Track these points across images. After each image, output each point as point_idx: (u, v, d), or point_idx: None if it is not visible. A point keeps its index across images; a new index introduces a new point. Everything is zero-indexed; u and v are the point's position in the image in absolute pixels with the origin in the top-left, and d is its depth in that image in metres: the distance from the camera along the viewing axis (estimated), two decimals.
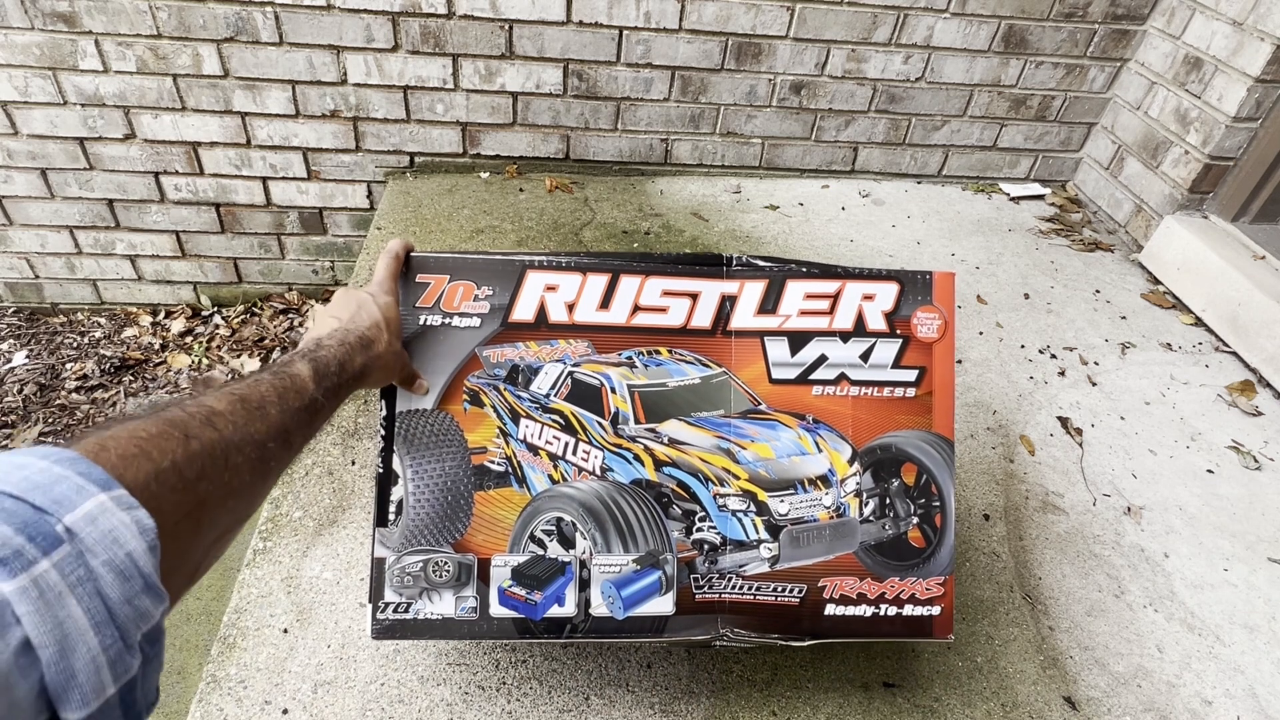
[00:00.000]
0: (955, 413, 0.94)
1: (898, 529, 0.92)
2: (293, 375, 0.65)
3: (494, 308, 0.87)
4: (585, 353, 0.89)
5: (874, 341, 0.92)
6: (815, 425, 0.91)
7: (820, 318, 0.91)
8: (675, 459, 0.89)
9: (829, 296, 0.91)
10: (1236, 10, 1.89)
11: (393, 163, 2.22)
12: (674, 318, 0.90)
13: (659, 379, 0.89)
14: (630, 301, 0.88)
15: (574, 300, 0.88)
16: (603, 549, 0.87)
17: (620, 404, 0.88)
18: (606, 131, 2.23)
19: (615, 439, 0.88)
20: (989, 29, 2.14)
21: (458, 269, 0.87)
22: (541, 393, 0.88)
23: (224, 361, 2.27)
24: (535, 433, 0.88)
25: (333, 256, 2.41)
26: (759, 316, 0.90)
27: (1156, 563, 1.33)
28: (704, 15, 2.04)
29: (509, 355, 0.88)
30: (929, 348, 0.92)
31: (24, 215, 2.21)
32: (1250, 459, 1.55)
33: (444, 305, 0.87)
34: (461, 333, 0.87)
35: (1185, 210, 2.08)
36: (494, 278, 0.87)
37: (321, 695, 1.02)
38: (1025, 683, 1.12)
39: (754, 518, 0.88)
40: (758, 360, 0.91)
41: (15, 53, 1.91)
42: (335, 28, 1.95)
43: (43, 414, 2.10)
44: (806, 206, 2.27)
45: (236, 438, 0.53)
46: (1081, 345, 1.82)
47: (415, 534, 0.86)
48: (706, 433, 0.90)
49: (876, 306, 0.91)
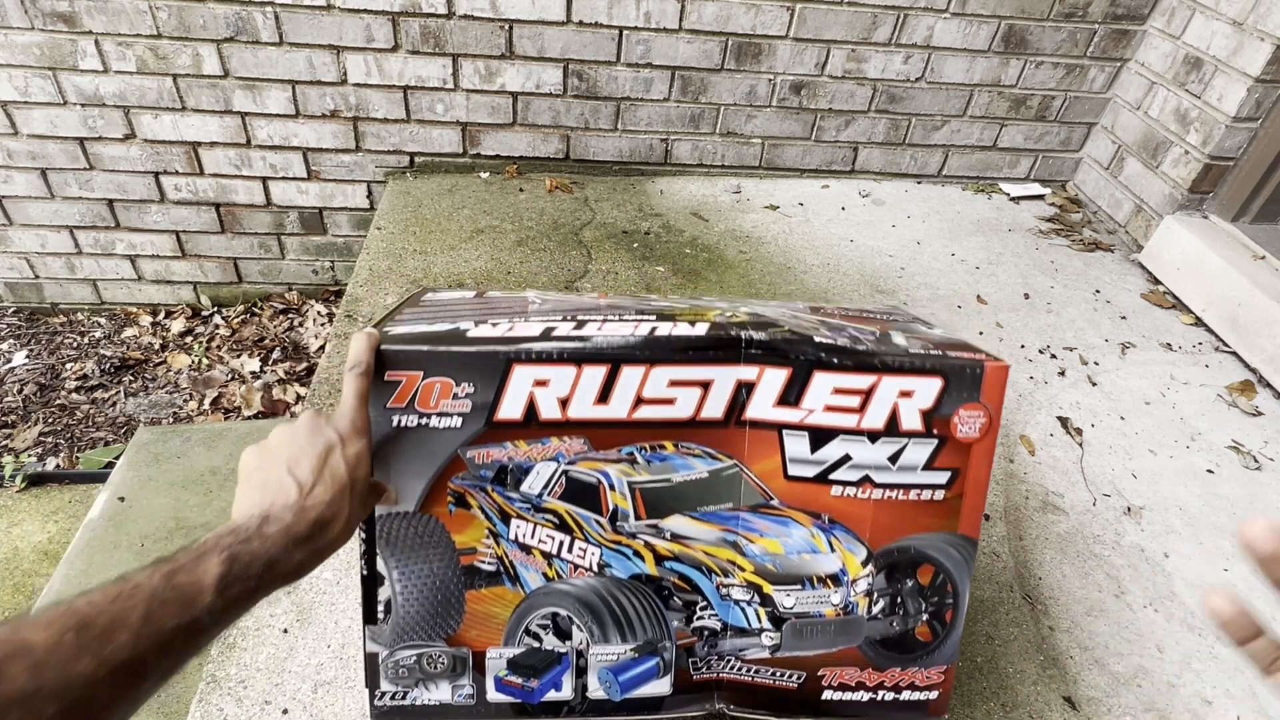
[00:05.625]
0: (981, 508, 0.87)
1: (906, 626, 0.87)
2: (187, 583, 0.49)
3: (476, 406, 0.77)
4: (581, 450, 0.80)
5: (906, 443, 0.81)
6: (830, 525, 0.84)
7: (848, 415, 0.80)
8: (678, 553, 0.83)
9: (861, 392, 0.79)
10: (1236, 10, 1.89)
11: (393, 163, 2.22)
12: (682, 409, 0.79)
13: (663, 475, 0.82)
14: (632, 394, 0.78)
15: (567, 395, 0.77)
16: (600, 640, 0.84)
17: (620, 501, 0.82)
18: (606, 131, 2.23)
19: (614, 536, 0.83)
20: (989, 29, 2.14)
21: (432, 364, 0.75)
22: (533, 493, 0.81)
23: (224, 361, 2.27)
24: (528, 532, 0.82)
25: (333, 256, 2.41)
26: (778, 408, 0.80)
27: (1156, 563, 1.33)
28: (704, 15, 2.04)
29: (496, 456, 0.79)
30: (967, 448, 0.82)
31: (24, 215, 2.21)
32: (1250, 459, 1.55)
33: (419, 405, 0.76)
34: (441, 433, 0.77)
35: (1185, 210, 2.08)
36: (474, 373, 0.76)
37: (321, 695, 1.02)
38: (1025, 683, 1.12)
39: (758, 608, 0.84)
40: (773, 454, 0.82)
41: (15, 53, 1.91)
42: (335, 28, 1.95)
43: (43, 414, 2.10)
44: (806, 206, 2.27)
45: (36, 687, 0.39)
46: (1081, 345, 1.82)
47: (406, 631, 0.83)
48: (712, 526, 0.84)
49: (914, 404, 0.80)
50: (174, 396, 2.18)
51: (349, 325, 1.65)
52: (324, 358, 1.57)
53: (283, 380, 2.21)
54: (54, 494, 1.88)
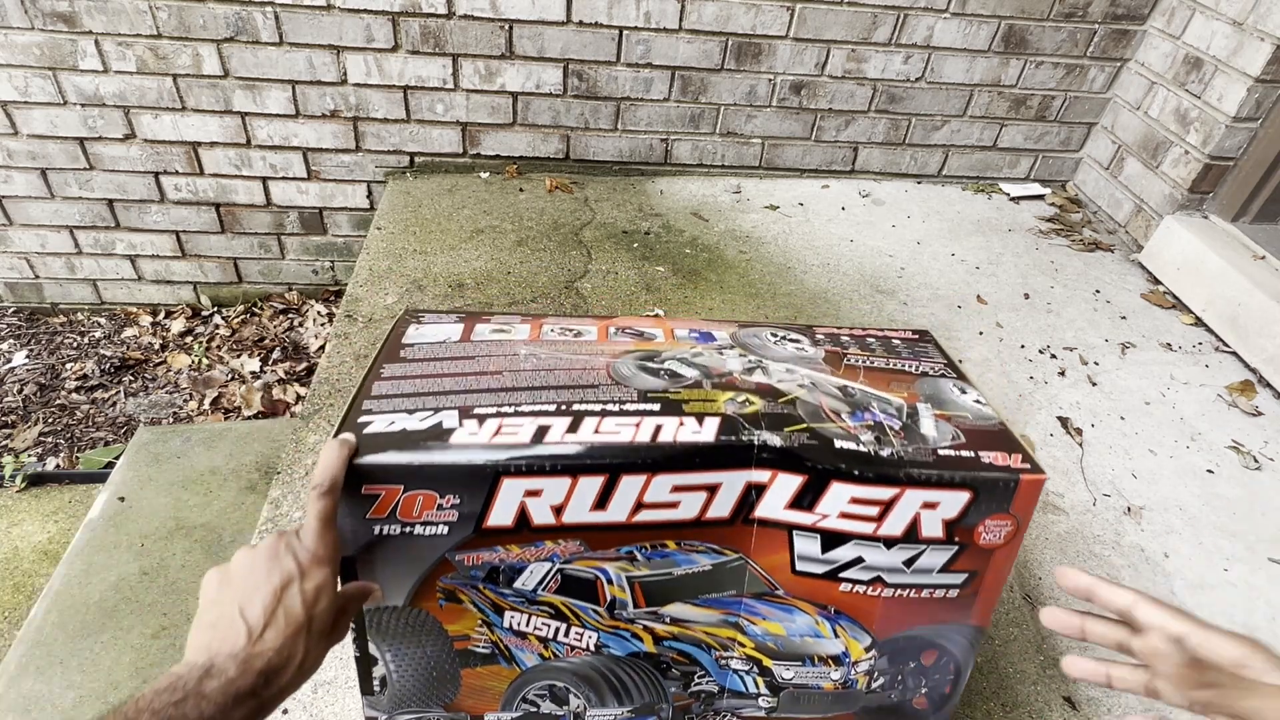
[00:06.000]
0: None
1: (904, 698, 0.86)
2: None
3: (463, 515, 0.72)
4: (577, 550, 0.76)
5: (924, 549, 0.76)
6: (836, 615, 0.81)
7: (865, 523, 0.75)
8: (677, 634, 0.81)
9: (881, 503, 0.74)
10: (1236, 10, 1.89)
11: (393, 163, 2.22)
12: (686, 511, 0.74)
13: (664, 569, 0.78)
14: (632, 500, 0.72)
15: (562, 503, 0.72)
16: (597, 704, 0.84)
17: (618, 593, 0.79)
18: (606, 131, 2.23)
19: (611, 622, 0.80)
20: (989, 29, 2.14)
21: (413, 478, 0.69)
22: (527, 589, 0.78)
23: (224, 361, 2.27)
24: (522, 621, 0.79)
25: (333, 256, 2.41)
26: (790, 510, 0.75)
27: (1156, 563, 1.33)
28: (704, 15, 2.04)
29: (486, 559, 0.75)
30: (989, 553, 0.77)
31: (24, 215, 2.21)
32: (1250, 459, 1.55)
33: (401, 515, 0.71)
34: (427, 540, 0.73)
35: (1185, 210, 2.08)
36: (459, 486, 0.70)
37: (321, 695, 1.02)
38: (1025, 683, 1.12)
39: (756, 677, 0.84)
40: (781, 551, 0.77)
41: (15, 53, 1.91)
42: (335, 28, 1.95)
43: (43, 414, 2.10)
44: (806, 206, 2.27)
45: None
46: (1081, 345, 1.82)
47: (404, 700, 0.83)
48: (714, 610, 0.81)
49: (937, 515, 0.74)
50: (174, 396, 2.18)
51: (349, 325, 1.65)
52: (324, 358, 1.57)
53: (283, 380, 2.21)
54: (54, 494, 1.88)
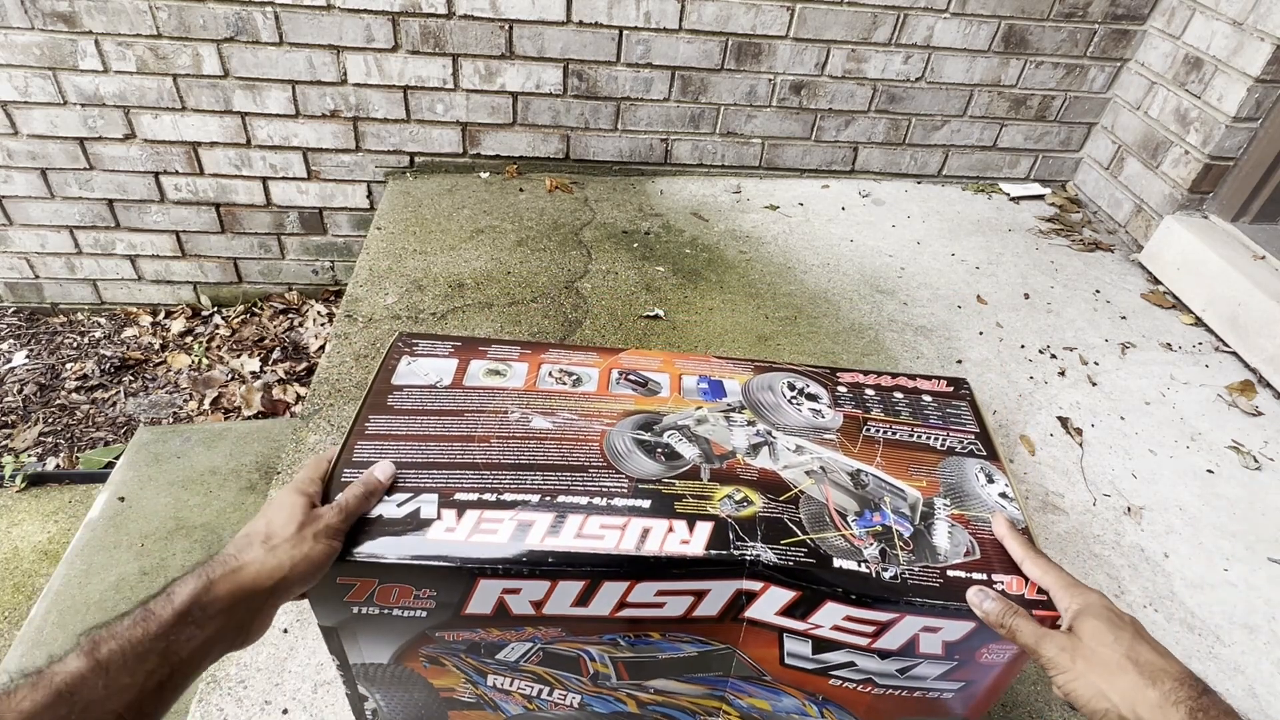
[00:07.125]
0: None
1: None
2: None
3: (441, 604, 0.71)
4: (558, 635, 0.74)
5: (920, 662, 0.73)
6: (824, 702, 0.79)
7: (860, 636, 0.72)
8: (662, 702, 0.81)
9: (877, 624, 0.70)
10: (1236, 10, 1.89)
11: (393, 163, 2.22)
12: (672, 611, 0.72)
13: (648, 654, 0.77)
14: (615, 601, 0.71)
15: (541, 600, 0.71)
16: None
17: (601, 669, 0.78)
18: (606, 131, 2.23)
19: (595, 689, 0.80)
20: (989, 29, 2.14)
21: (388, 575, 0.68)
22: (510, 660, 0.77)
23: (224, 361, 2.27)
24: (506, 683, 0.80)
25: (333, 256, 2.41)
26: (782, 617, 0.72)
27: (1156, 563, 1.33)
28: (704, 15, 2.04)
29: (466, 637, 0.74)
30: (988, 668, 0.73)
31: (24, 215, 2.21)
32: (1250, 459, 1.55)
33: (378, 601, 0.71)
34: (405, 620, 0.72)
35: (1185, 210, 2.08)
36: (436, 582, 0.69)
37: (321, 695, 1.02)
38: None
39: None
40: (771, 647, 0.75)
41: (15, 53, 1.91)
42: (335, 28, 1.95)
43: (43, 414, 2.10)
44: (806, 206, 2.27)
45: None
46: (1081, 345, 1.82)
47: None
48: (699, 686, 0.80)
49: (938, 637, 0.71)
50: (174, 396, 2.18)
51: (349, 325, 1.65)
52: (324, 358, 1.57)
53: (283, 380, 2.21)
54: (54, 494, 1.88)
